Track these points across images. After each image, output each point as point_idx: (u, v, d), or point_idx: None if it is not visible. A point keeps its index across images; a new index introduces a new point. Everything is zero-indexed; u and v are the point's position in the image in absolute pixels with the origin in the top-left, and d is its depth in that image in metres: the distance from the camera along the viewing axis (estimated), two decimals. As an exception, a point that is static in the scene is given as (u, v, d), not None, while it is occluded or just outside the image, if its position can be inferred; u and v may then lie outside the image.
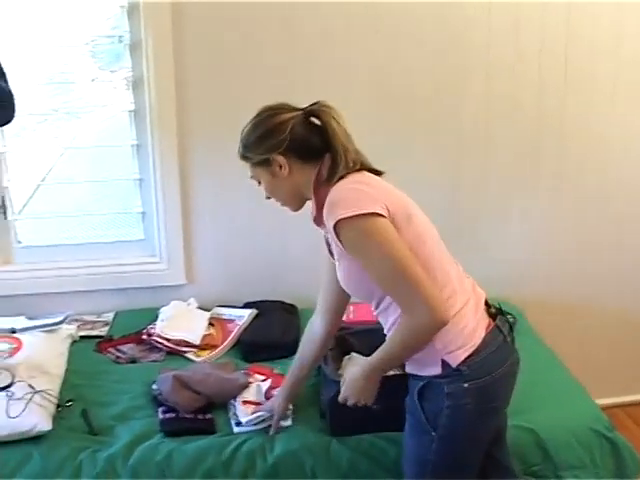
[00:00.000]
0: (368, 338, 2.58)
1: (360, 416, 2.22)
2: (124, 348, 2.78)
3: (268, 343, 2.77)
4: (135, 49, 2.86)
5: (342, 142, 1.91)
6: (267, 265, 3.18)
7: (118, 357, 2.73)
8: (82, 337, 2.85)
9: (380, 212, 1.79)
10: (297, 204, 2.04)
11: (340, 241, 1.83)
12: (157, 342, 2.77)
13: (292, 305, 3.09)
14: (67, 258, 3.09)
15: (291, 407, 2.33)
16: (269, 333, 2.82)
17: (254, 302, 3.06)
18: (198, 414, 2.33)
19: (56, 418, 2.28)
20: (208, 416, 2.33)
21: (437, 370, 1.89)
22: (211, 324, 2.93)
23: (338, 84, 2.96)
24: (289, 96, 2.86)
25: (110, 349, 2.78)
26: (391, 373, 2.18)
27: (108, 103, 3.14)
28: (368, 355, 2.49)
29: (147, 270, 3.11)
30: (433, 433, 1.93)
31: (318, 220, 1.96)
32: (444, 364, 1.88)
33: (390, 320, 1.94)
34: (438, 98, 3.09)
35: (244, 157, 1.99)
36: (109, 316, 3.04)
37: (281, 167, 1.92)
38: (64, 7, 2.83)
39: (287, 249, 3.17)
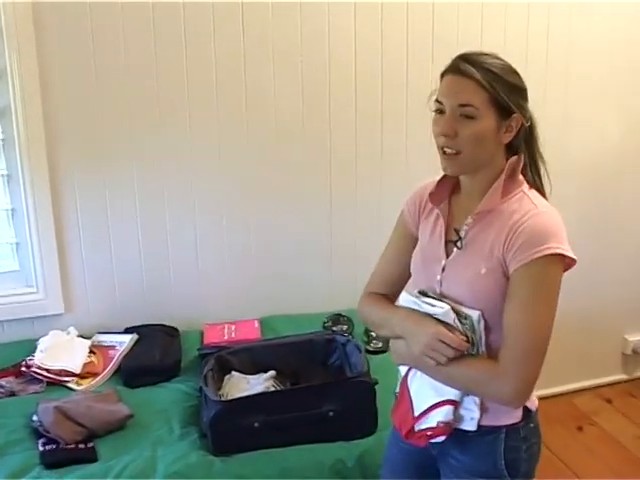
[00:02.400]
0: (247, 356, 2.65)
1: (241, 433, 2.26)
2: (2, 382, 2.70)
3: (148, 367, 2.76)
4: (0, 77, 2.83)
5: (534, 130, 1.74)
6: (147, 289, 3.18)
7: (-4, 391, 2.68)
8: (-41, 373, 2.78)
9: (576, 259, 1.64)
10: (473, 168, 1.70)
11: (520, 267, 1.60)
12: (37, 373, 2.71)
13: (173, 328, 3.09)
14: (-59, 293, 3.01)
15: None
16: (149, 357, 2.80)
17: (135, 327, 3.04)
18: (79, 443, 2.30)
19: None
20: (89, 444, 2.30)
21: (518, 416, 1.75)
22: (92, 352, 2.89)
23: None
24: (162, 121, 2.92)
25: (-13, 383, 2.72)
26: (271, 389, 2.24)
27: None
28: (250, 373, 2.55)
29: (24, 301, 3.05)
30: None
31: (483, 205, 1.69)
32: (524, 409, 1.76)
33: None
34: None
35: (489, 84, 1.60)
36: (-14, 350, 2.97)
37: (509, 130, 1.66)
38: None
39: (167, 272, 3.19)
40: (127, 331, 3.03)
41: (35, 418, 2.40)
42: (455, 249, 1.73)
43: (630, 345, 4.14)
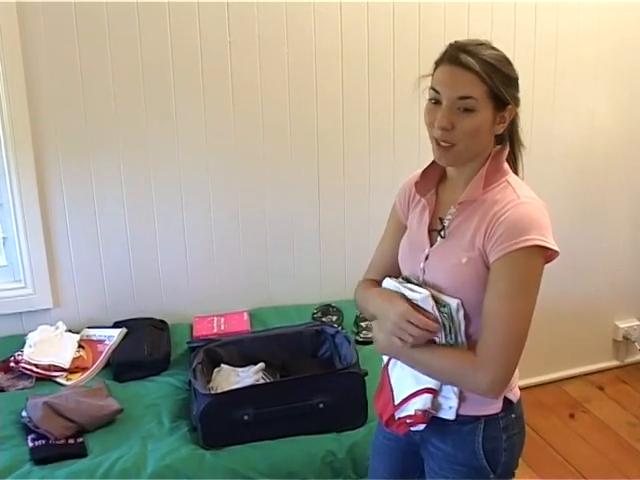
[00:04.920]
0: (236, 348, 2.65)
1: (231, 427, 2.26)
2: (-9, 378, 2.71)
3: (137, 361, 2.75)
4: (-17, 73, 2.81)
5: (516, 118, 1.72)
6: (135, 282, 3.17)
7: (-16, 388, 2.67)
8: (-53, 369, 2.76)
9: (558, 251, 1.62)
10: (467, 160, 1.69)
11: (500, 258, 1.59)
12: (25, 369, 2.70)
13: (162, 321, 3.08)
14: None
15: None
16: (138, 351, 2.79)
17: (124, 321, 3.03)
18: (69, 439, 2.29)
19: None
20: (79, 440, 2.29)
21: (498, 407, 1.75)
22: (81, 346, 2.87)
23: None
24: (148, 114, 2.91)
25: (-24, 380, 2.71)
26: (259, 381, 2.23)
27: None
28: (239, 366, 2.54)
29: (12, 296, 3.03)
30: (492, 476, 1.77)
31: (465, 196, 1.69)
32: (505, 400, 1.76)
33: None
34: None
35: (489, 76, 1.59)
36: (-25, 346, 2.96)
37: (502, 120, 1.66)
38: None
39: (155, 265, 3.17)
40: (116, 325, 3.02)
41: (24, 414, 2.39)
42: (439, 238, 1.74)
43: (621, 331, 4.14)
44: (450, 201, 1.75)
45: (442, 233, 1.73)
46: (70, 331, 2.96)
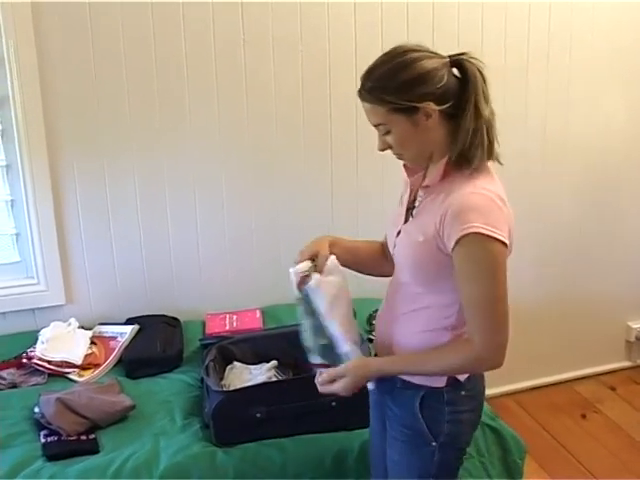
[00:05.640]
0: (249, 346, 2.64)
1: (244, 424, 2.25)
2: (3, 373, 2.70)
3: (150, 358, 2.75)
4: (-2, 66, 2.81)
5: (479, 105, 1.71)
6: (148, 279, 3.17)
7: (-3, 383, 2.67)
8: (-40, 365, 2.77)
9: (507, 242, 1.67)
10: (422, 162, 1.82)
11: (454, 246, 1.66)
12: (38, 365, 2.71)
13: (175, 318, 3.09)
14: (-59, 285, 3.01)
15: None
16: (150, 348, 2.79)
17: (136, 317, 3.03)
18: (81, 435, 2.29)
19: None
20: (91, 436, 2.29)
21: (442, 382, 1.84)
22: (93, 343, 2.88)
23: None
24: (161, 110, 2.91)
25: (-11, 375, 2.72)
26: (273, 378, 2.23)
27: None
28: (252, 363, 2.54)
29: (25, 292, 3.04)
30: (434, 443, 1.87)
31: (427, 181, 1.80)
32: (449, 377, 1.83)
33: (421, 326, 1.85)
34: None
35: (380, 100, 1.70)
36: (-13, 342, 2.97)
37: (429, 117, 1.70)
38: None
39: (168, 262, 3.18)
40: (128, 322, 3.02)
41: (37, 410, 2.39)
42: (410, 217, 1.86)
43: (633, 332, 4.13)
44: None
45: (412, 212, 1.85)
46: (82, 327, 2.96)
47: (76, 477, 2.11)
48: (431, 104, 1.68)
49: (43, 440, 2.27)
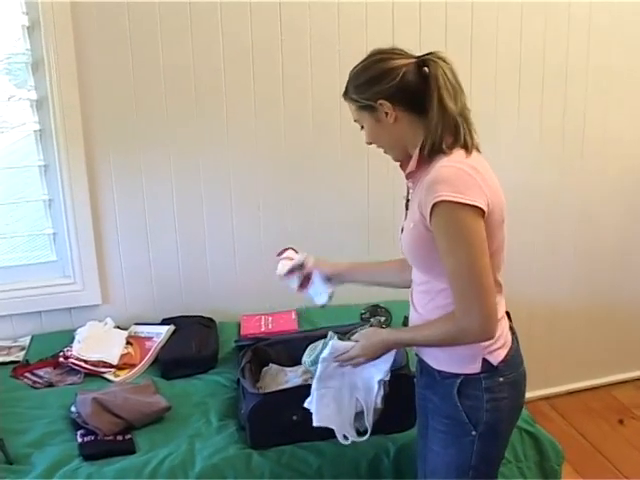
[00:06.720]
0: (284, 348, 2.63)
1: (280, 427, 2.24)
2: (41, 372, 2.73)
3: (185, 359, 2.75)
4: (37, 68, 2.83)
5: (443, 101, 1.78)
6: (184, 280, 3.18)
7: (35, 382, 2.68)
8: (-2, 363, 2.80)
9: (482, 208, 1.71)
10: (399, 154, 1.94)
11: (430, 219, 1.73)
12: (74, 364, 2.73)
13: (210, 319, 3.09)
14: (-21, 284, 3.03)
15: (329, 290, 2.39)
16: (186, 349, 2.80)
17: (171, 318, 3.05)
18: (117, 435, 2.30)
19: (-29, 449, 2.22)
20: (127, 436, 2.30)
21: (476, 368, 1.87)
22: (129, 343, 2.89)
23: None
24: (198, 111, 2.90)
25: (26, 374, 2.73)
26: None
27: (18, 123, 3.08)
28: (287, 365, 2.53)
29: (61, 292, 3.06)
30: (474, 432, 1.89)
31: (413, 175, 1.88)
32: (484, 362, 1.86)
33: (432, 303, 1.90)
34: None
35: (350, 99, 1.89)
36: (25, 340, 2.99)
37: (387, 114, 1.83)
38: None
39: (203, 263, 3.18)
40: (164, 322, 3.03)
41: (74, 409, 2.40)
42: (406, 211, 1.96)
43: (672, 337, 4.07)
44: None
45: (407, 206, 1.96)
46: (118, 327, 2.98)
47: (113, 477, 2.12)
48: (385, 102, 1.81)
49: (80, 440, 2.28)
